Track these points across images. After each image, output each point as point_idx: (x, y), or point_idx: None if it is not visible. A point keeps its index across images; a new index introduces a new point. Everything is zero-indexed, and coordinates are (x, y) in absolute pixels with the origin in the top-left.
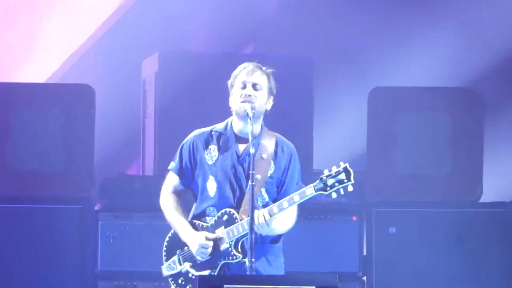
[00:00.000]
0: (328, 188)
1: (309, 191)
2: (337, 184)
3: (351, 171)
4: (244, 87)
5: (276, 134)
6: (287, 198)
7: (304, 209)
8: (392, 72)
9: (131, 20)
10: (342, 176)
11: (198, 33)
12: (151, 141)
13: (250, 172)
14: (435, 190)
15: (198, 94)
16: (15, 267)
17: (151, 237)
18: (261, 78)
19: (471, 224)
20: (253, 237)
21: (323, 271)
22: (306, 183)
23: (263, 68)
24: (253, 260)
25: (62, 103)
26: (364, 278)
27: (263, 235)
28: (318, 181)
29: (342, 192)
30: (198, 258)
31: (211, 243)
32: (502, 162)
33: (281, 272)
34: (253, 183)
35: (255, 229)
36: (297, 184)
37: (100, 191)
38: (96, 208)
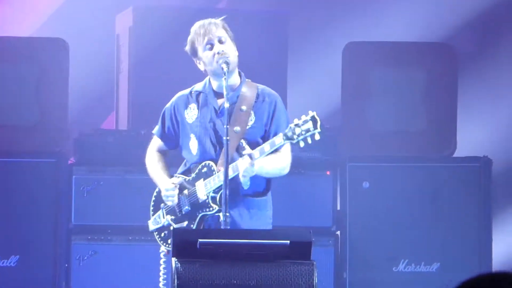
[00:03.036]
0: (296, 137)
1: (278, 140)
2: (304, 132)
3: (318, 119)
4: (212, 46)
5: (259, 85)
6: (258, 148)
7: None
8: (367, 26)
9: None
10: (309, 125)
11: None
12: (125, 96)
13: (225, 126)
14: (409, 145)
15: (172, 49)
16: None
17: (125, 191)
18: (220, 31)
19: (444, 178)
20: (227, 191)
21: (297, 225)
22: None
23: (215, 21)
24: (227, 214)
25: (35, 57)
26: (338, 232)
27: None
28: (287, 129)
29: (309, 141)
30: (169, 203)
31: (175, 187)
32: (476, 117)
33: (266, 226)
34: (227, 137)
35: (241, 177)
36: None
37: (74, 145)
38: (70, 162)
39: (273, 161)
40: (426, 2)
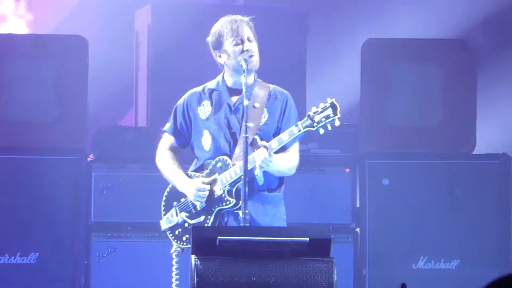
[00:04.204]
0: (315, 124)
1: (296, 129)
2: (323, 119)
3: (338, 105)
4: (241, 41)
5: (270, 84)
6: (276, 138)
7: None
8: (386, 23)
9: None
10: (329, 111)
11: None
12: (144, 93)
13: (243, 123)
14: (428, 142)
15: (190, 46)
16: (7, 217)
17: (144, 188)
18: (249, 31)
19: (464, 176)
20: (246, 188)
21: (316, 222)
22: None
23: (246, 19)
24: (246, 211)
25: (55, 54)
26: (357, 229)
27: (261, 173)
28: (305, 118)
29: (329, 127)
30: (197, 203)
31: (207, 186)
32: (495, 114)
33: (281, 222)
34: (247, 135)
35: (258, 168)
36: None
37: (93, 141)
38: (89, 159)
39: (283, 159)
40: None
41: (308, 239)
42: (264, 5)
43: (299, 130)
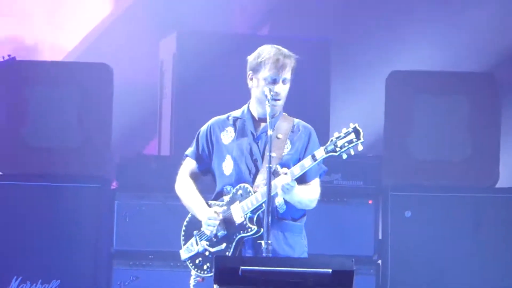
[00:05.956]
0: (338, 149)
1: (320, 153)
2: (346, 144)
3: (361, 130)
4: (274, 81)
5: (294, 118)
6: (298, 164)
7: (321, 192)
8: (410, 55)
9: None
10: (352, 136)
11: (214, 13)
12: (168, 122)
13: (267, 153)
14: (451, 175)
15: (215, 75)
16: (29, 244)
17: (167, 217)
18: (289, 72)
19: (487, 209)
20: (269, 218)
21: (338, 253)
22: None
23: (293, 57)
24: (269, 242)
25: (80, 81)
26: (379, 261)
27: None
28: (328, 142)
29: (352, 152)
30: (207, 232)
31: (219, 217)
32: None
33: (301, 251)
34: (270, 165)
35: (280, 194)
36: (318, 164)
37: (117, 170)
38: (112, 187)
39: (307, 191)
40: (469, 31)
41: (331, 270)
42: (287, 35)
43: (322, 155)
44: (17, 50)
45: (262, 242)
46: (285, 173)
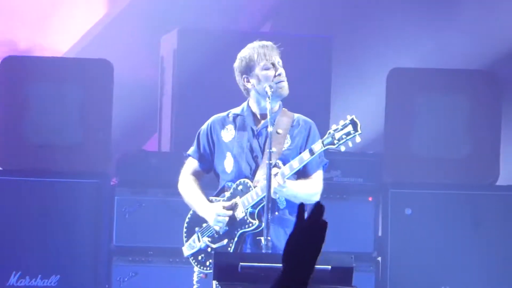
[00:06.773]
0: (336, 142)
1: (318, 146)
2: (344, 136)
3: (358, 122)
4: (273, 66)
5: (294, 113)
6: (297, 158)
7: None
8: (411, 53)
9: None
10: (349, 128)
11: (216, 10)
12: (168, 118)
13: (267, 150)
14: (451, 172)
15: (216, 72)
16: (29, 240)
17: (167, 213)
18: (278, 56)
19: (487, 207)
20: (269, 215)
21: (338, 250)
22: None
23: (274, 45)
24: (269, 238)
25: (80, 77)
26: (379, 258)
27: (282, 196)
28: (326, 135)
29: (350, 144)
30: (216, 228)
31: (229, 212)
32: None
33: None
34: (270, 161)
35: (272, 194)
36: (319, 157)
37: (117, 166)
38: (112, 183)
39: (303, 185)
40: (470, 29)
41: (330, 267)
42: (289, 32)
43: (320, 148)
44: (11, 53)
45: (262, 238)
46: (275, 174)
